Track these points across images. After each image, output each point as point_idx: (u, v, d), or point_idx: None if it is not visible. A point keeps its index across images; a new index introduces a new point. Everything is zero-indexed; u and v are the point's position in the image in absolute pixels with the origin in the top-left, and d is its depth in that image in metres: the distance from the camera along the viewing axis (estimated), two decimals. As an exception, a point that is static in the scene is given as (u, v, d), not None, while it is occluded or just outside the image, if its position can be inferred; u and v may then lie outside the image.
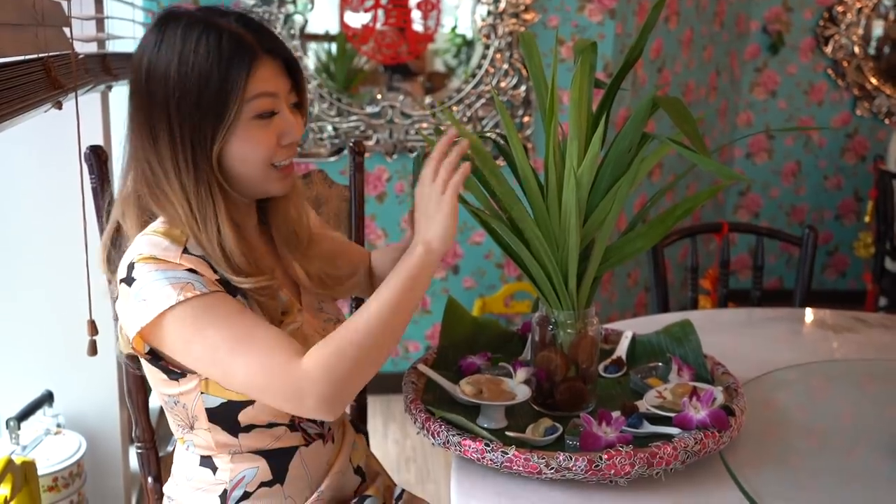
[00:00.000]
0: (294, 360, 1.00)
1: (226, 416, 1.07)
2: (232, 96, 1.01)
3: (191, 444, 1.13)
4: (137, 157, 1.06)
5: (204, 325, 1.00)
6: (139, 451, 1.33)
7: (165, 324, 1.00)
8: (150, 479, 1.33)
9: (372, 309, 1.04)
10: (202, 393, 1.06)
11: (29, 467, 1.68)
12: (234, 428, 1.08)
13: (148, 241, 1.03)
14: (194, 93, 1.00)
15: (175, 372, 1.07)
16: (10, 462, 1.59)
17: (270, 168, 1.07)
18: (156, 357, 1.06)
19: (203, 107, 1.01)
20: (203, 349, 1.01)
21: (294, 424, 1.12)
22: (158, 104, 1.02)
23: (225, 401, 1.06)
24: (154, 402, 1.50)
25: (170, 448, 1.36)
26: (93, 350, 1.24)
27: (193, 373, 1.06)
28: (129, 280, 1.02)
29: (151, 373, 1.10)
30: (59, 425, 1.96)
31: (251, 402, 1.06)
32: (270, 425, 1.09)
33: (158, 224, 1.06)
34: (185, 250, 1.03)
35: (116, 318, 1.11)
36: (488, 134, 1.31)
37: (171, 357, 1.05)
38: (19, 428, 1.83)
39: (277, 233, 1.18)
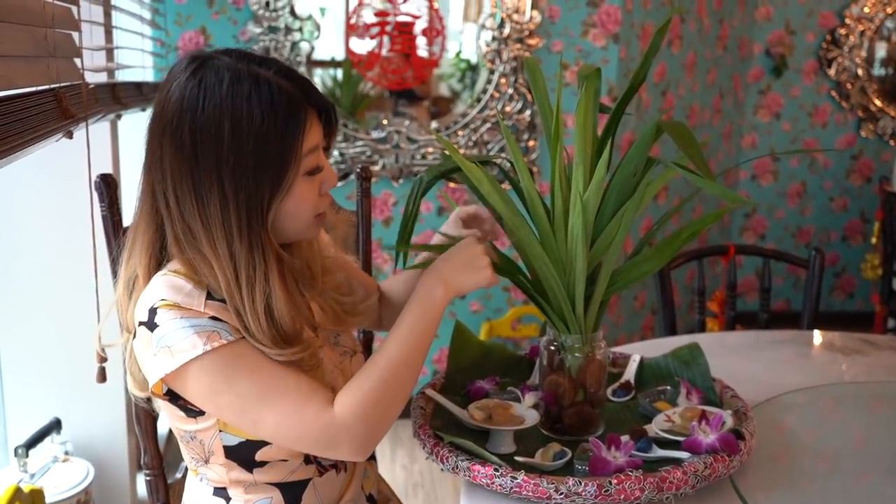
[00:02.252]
0: (326, 409, 1.00)
1: (243, 454, 1.06)
2: (291, 159, 0.98)
3: (204, 476, 1.12)
4: (171, 219, 1.00)
5: (231, 375, 0.98)
6: (147, 478, 1.33)
7: (190, 373, 0.97)
8: (158, 507, 1.33)
9: (397, 346, 1.04)
10: (220, 431, 1.05)
11: (37, 495, 1.68)
12: (250, 465, 1.07)
13: (169, 284, 0.99)
14: (252, 157, 0.96)
15: (193, 410, 1.04)
16: (18, 490, 1.59)
17: (313, 218, 1.06)
18: (174, 397, 1.04)
19: (261, 171, 0.97)
20: (231, 399, 0.99)
21: (309, 458, 1.11)
22: (207, 168, 0.96)
23: (243, 440, 1.05)
24: (162, 428, 1.50)
25: (178, 475, 1.36)
26: (101, 377, 1.24)
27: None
28: (150, 325, 0.98)
29: (168, 409, 1.07)
30: (67, 452, 1.96)
31: (268, 442, 1.05)
32: (286, 460, 1.08)
33: (178, 264, 1.02)
34: (209, 295, 1.00)
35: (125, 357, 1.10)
36: (494, 159, 1.32)
37: (193, 401, 1.02)
38: (27, 455, 1.83)
39: (290, 271, 1.12)
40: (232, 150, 0.95)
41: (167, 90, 0.99)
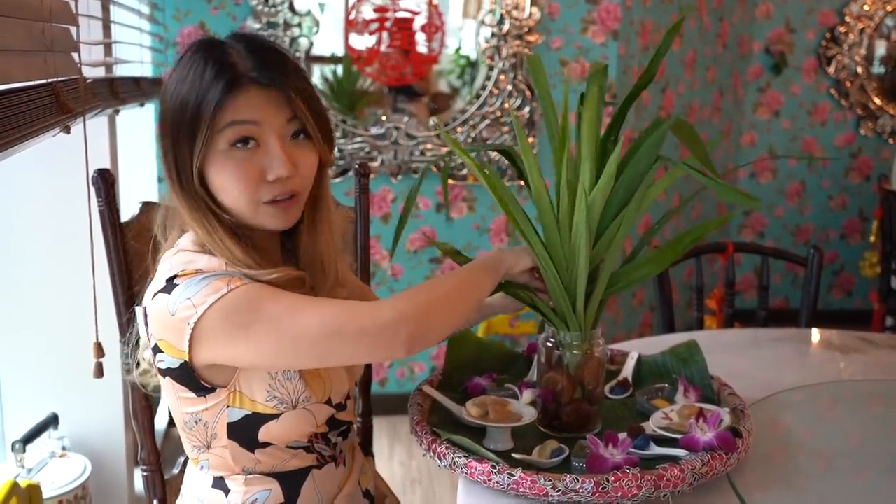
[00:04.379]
0: (368, 302, 1.04)
1: (246, 431, 1.06)
2: (201, 122, 1.00)
3: (205, 464, 1.12)
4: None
5: (256, 304, 0.98)
6: (144, 473, 1.33)
7: (215, 321, 0.97)
8: (155, 502, 1.33)
9: (447, 276, 1.11)
10: (228, 406, 1.05)
11: (34, 490, 1.68)
12: (252, 443, 1.07)
13: (186, 260, 1.04)
14: (177, 117, 1.02)
15: (205, 388, 1.04)
16: (15, 485, 1.59)
17: (258, 203, 1.04)
18: (189, 374, 1.03)
19: (181, 131, 1.02)
20: (264, 325, 0.97)
21: (310, 447, 1.12)
22: (164, 133, 1.05)
23: (249, 412, 1.05)
24: (160, 423, 1.50)
25: (175, 471, 1.36)
26: (99, 372, 1.24)
27: (224, 387, 1.05)
28: (169, 288, 1.00)
29: (177, 391, 1.07)
30: (64, 448, 1.96)
31: (274, 417, 1.06)
32: (288, 447, 1.09)
33: (190, 243, 1.07)
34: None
35: (132, 345, 1.13)
36: (492, 149, 1.31)
37: (226, 354, 1.00)
38: (24, 450, 1.83)
39: (301, 266, 1.14)
40: (168, 110, 1.04)
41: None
